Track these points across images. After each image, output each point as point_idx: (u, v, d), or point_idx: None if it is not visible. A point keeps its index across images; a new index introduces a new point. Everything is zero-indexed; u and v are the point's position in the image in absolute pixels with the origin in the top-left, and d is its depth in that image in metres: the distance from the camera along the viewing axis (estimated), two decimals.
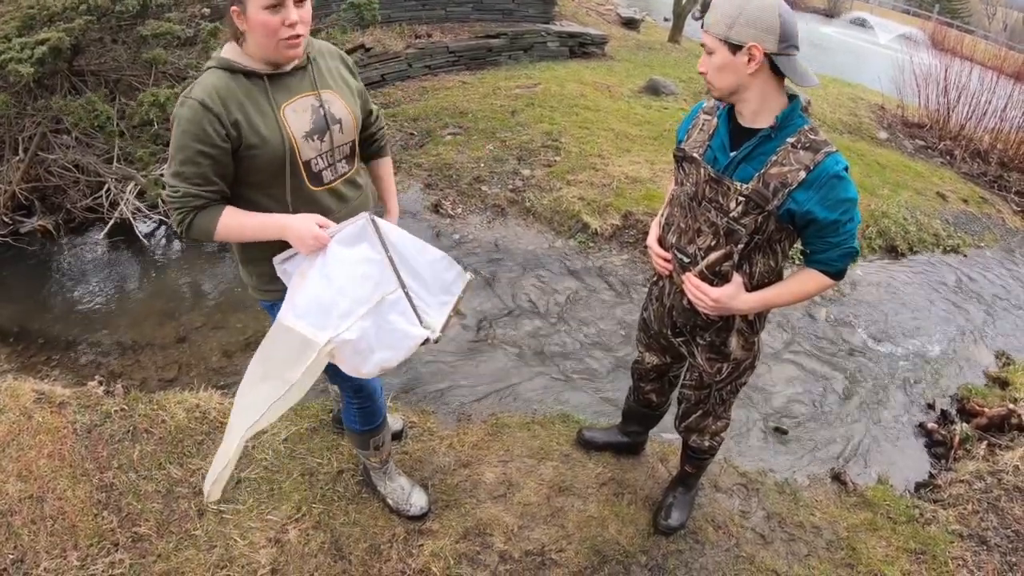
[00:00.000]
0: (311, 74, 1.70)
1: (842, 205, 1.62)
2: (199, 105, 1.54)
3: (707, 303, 1.82)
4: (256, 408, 1.57)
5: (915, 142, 7.96)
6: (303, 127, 1.65)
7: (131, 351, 3.20)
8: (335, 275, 1.63)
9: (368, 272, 1.68)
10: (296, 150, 1.64)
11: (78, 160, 4.04)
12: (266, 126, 1.60)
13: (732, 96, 1.68)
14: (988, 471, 2.94)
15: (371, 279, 1.68)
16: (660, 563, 2.33)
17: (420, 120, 5.91)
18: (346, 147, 1.79)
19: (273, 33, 1.53)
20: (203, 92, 1.55)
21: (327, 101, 1.71)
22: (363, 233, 1.70)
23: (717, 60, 1.62)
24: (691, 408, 2.24)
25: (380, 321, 1.67)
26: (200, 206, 1.62)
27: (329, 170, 1.76)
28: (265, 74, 1.61)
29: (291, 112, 1.64)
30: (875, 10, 26.78)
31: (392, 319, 1.70)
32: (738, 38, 1.56)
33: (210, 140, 1.55)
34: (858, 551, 2.49)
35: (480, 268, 4.09)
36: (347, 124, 1.76)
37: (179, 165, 1.58)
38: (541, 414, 2.97)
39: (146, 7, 3.90)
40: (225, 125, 1.55)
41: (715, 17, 1.59)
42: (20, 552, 2.08)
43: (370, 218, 1.71)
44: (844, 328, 4.07)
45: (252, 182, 1.67)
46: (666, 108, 6.88)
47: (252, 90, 1.60)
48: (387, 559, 2.20)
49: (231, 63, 1.60)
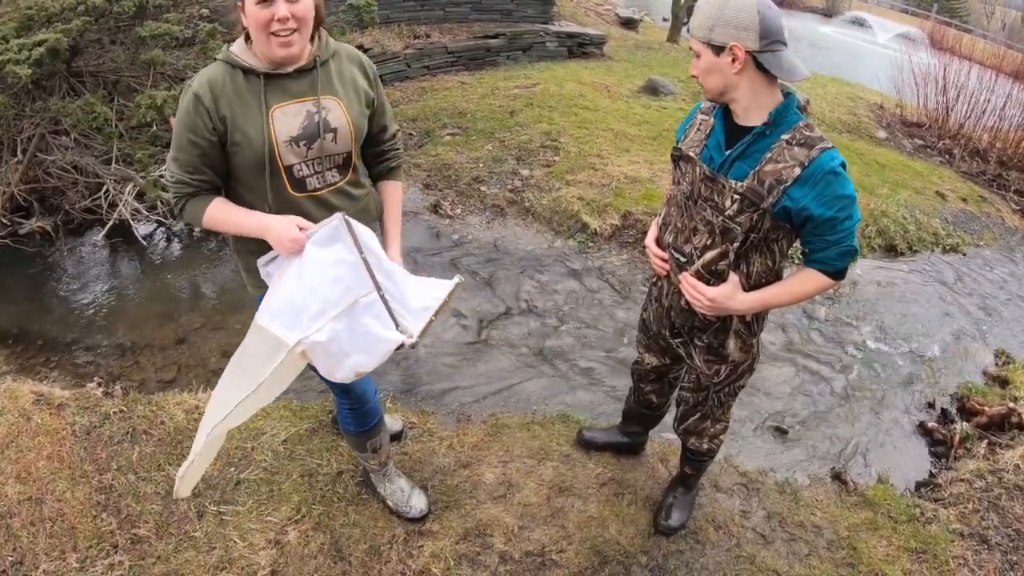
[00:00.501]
0: (314, 78, 1.67)
1: (838, 202, 1.61)
2: (193, 96, 1.59)
3: (703, 303, 1.81)
4: (225, 406, 1.58)
5: (914, 141, 7.96)
6: (289, 131, 1.64)
7: (130, 352, 3.19)
8: (308, 276, 1.62)
9: (341, 274, 1.64)
10: (276, 153, 1.63)
11: (77, 161, 4.04)
12: (251, 125, 1.61)
13: (723, 96, 1.69)
14: (989, 470, 2.93)
15: (343, 281, 1.64)
16: (661, 563, 2.33)
17: (419, 120, 5.91)
18: (339, 157, 1.75)
19: (264, 28, 1.53)
20: (199, 84, 1.60)
21: (325, 108, 1.68)
22: (336, 234, 1.65)
23: (703, 63, 1.65)
24: (689, 411, 2.23)
25: (353, 324, 1.64)
26: (190, 193, 1.67)
27: (315, 178, 1.72)
28: (263, 73, 1.61)
29: (280, 115, 1.63)
30: (873, 9, 26.78)
31: (366, 322, 1.66)
32: (720, 39, 1.58)
33: (199, 131, 1.59)
34: (859, 550, 2.48)
35: (479, 268, 4.09)
36: (342, 134, 1.72)
37: (176, 151, 1.64)
38: (541, 414, 2.97)
39: (144, 8, 3.89)
40: (213, 119, 1.59)
41: (697, 20, 1.62)
42: (19, 554, 2.07)
43: (343, 219, 1.65)
44: (844, 327, 4.07)
45: (238, 178, 1.70)
46: (665, 108, 6.88)
47: (246, 88, 1.61)
48: (387, 560, 2.19)
49: (234, 58, 1.62)
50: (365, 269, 1.66)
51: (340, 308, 1.62)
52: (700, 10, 1.61)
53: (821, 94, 8.79)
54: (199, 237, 4.17)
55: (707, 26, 1.59)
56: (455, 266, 4.08)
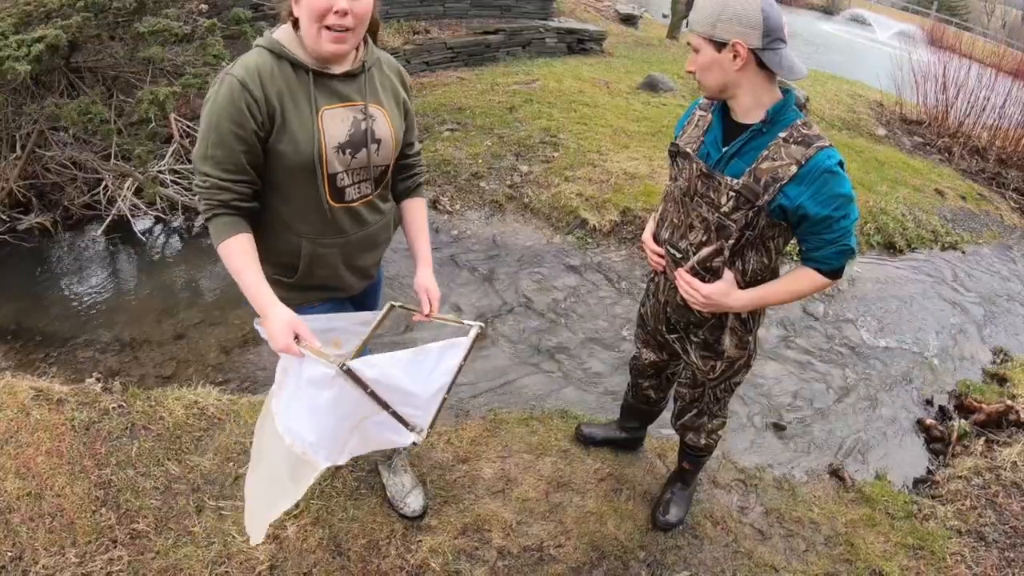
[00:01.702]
0: (362, 83, 1.57)
1: (835, 201, 1.60)
2: (239, 84, 1.42)
3: (698, 299, 1.81)
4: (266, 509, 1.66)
5: (913, 139, 7.96)
6: (338, 137, 1.54)
7: (129, 348, 3.19)
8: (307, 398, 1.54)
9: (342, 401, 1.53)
10: (324, 159, 1.52)
11: (76, 157, 4.04)
12: (301, 125, 1.49)
13: (722, 93, 1.68)
14: (986, 467, 2.94)
15: (346, 406, 1.54)
16: (658, 559, 2.34)
17: (418, 116, 5.85)
18: (378, 170, 1.67)
19: (318, 18, 1.41)
20: (245, 71, 1.43)
21: (372, 116, 1.59)
22: (333, 383, 1.49)
23: (703, 59, 1.62)
24: (686, 407, 2.24)
25: (364, 434, 1.63)
26: (226, 202, 1.49)
27: (353, 188, 1.64)
28: (312, 69, 1.49)
29: (329, 118, 1.52)
30: (873, 7, 26.77)
31: (375, 432, 1.64)
32: (722, 35, 1.56)
33: (247, 123, 1.43)
34: (856, 547, 2.49)
35: (478, 264, 4.09)
36: (386, 145, 1.64)
37: (212, 147, 1.45)
38: (539, 410, 2.97)
39: (143, 4, 3.88)
40: (263, 110, 1.44)
41: (699, 15, 1.60)
42: (19, 549, 2.07)
43: (343, 370, 1.46)
44: (842, 324, 4.07)
45: (271, 182, 1.57)
46: (664, 104, 6.88)
47: (295, 82, 1.48)
48: (385, 555, 2.20)
49: (281, 47, 1.48)
50: (372, 400, 1.55)
51: (348, 432, 1.60)
52: (702, 5, 1.59)
53: (821, 91, 8.79)
54: (197, 233, 4.17)
55: (710, 21, 1.57)
56: (454, 261, 4.08)
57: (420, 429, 1.66)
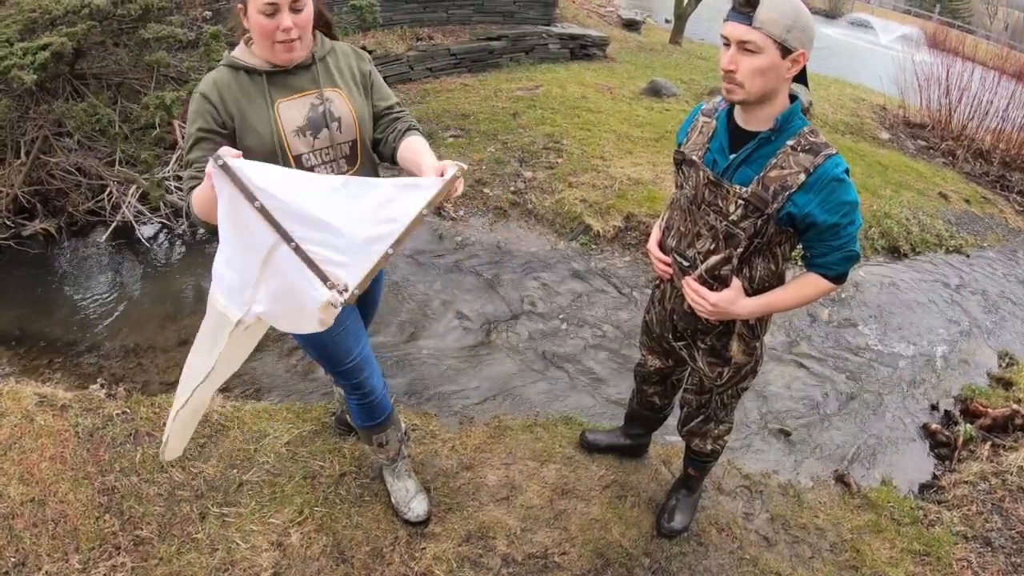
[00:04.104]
0: (315, 73, 1.75)
1: (842, 208, 1.61)
2: (200, 96, 1.67)
3: (706, 307, 1.81)
4: (191, 380, 1.66)
5: (917, 142, 7.95)
6: (295, 122, 1.71)
7: (133, 354, 3.20)
8: (224, 228, 1.37)
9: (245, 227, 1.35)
10: (285, 144, 1.70)
11: (80, 163, 4.05)
12: (259, 119, 1.68)
13: (761, 99, 1.61)
14: (992, 472, 2.92)
15: (251, 235, 1.36)
16: (663, 566, 2.33)
17: (422, 122, 5.88)
18: (345, 146, 1.80)
19: (268, 36, 1.61)
20: (205, 85, 1.68)
21: (328, 99, 1.75)
22: (220, 185, 1.31)
23: (762, 61, 1.54)
24: (692, 413, 2.23)
25: (283, 279, 1.39)
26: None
27: (324, 167, 1.78)
28: (265, 72, 1.69)
29: (285, 108, 1.70)
30: (876, 11, 26.78)
31: (292, 277, 1.38)
32: (794, 43, 1.53)
33: (213, 126, 1.65)
34: (862, 553, 2.48)
35: (482, 270, 4.09)
36: (347, 123, 1.78)
37: (190, 152, 1.66)
38: (544, 416, 2.97)
39: (148, 10, 3.90)
40: (222, 114, 1.66)
41: (772, 16, 1.50)
42: (22, 555, 2.07)
43: (216, 163, 1.29)
44: (847, 329, 4.06)
45: None
46: (668, 110, 6.88)
47: (251, 86, 1.69)
48: (389, 562, 2.19)
49: (235, 61, 1.70)
50: (264, 219, 1.32)
51: (260, 269, 1.37)
52: (776, 7, 1.50)
53: (824, 96, 8.79)
54: (202, 239, 4.17)
55: (785, 26, 1.51)
56: (458, 268, 4.08)
57: (343, 287, 1.36)
